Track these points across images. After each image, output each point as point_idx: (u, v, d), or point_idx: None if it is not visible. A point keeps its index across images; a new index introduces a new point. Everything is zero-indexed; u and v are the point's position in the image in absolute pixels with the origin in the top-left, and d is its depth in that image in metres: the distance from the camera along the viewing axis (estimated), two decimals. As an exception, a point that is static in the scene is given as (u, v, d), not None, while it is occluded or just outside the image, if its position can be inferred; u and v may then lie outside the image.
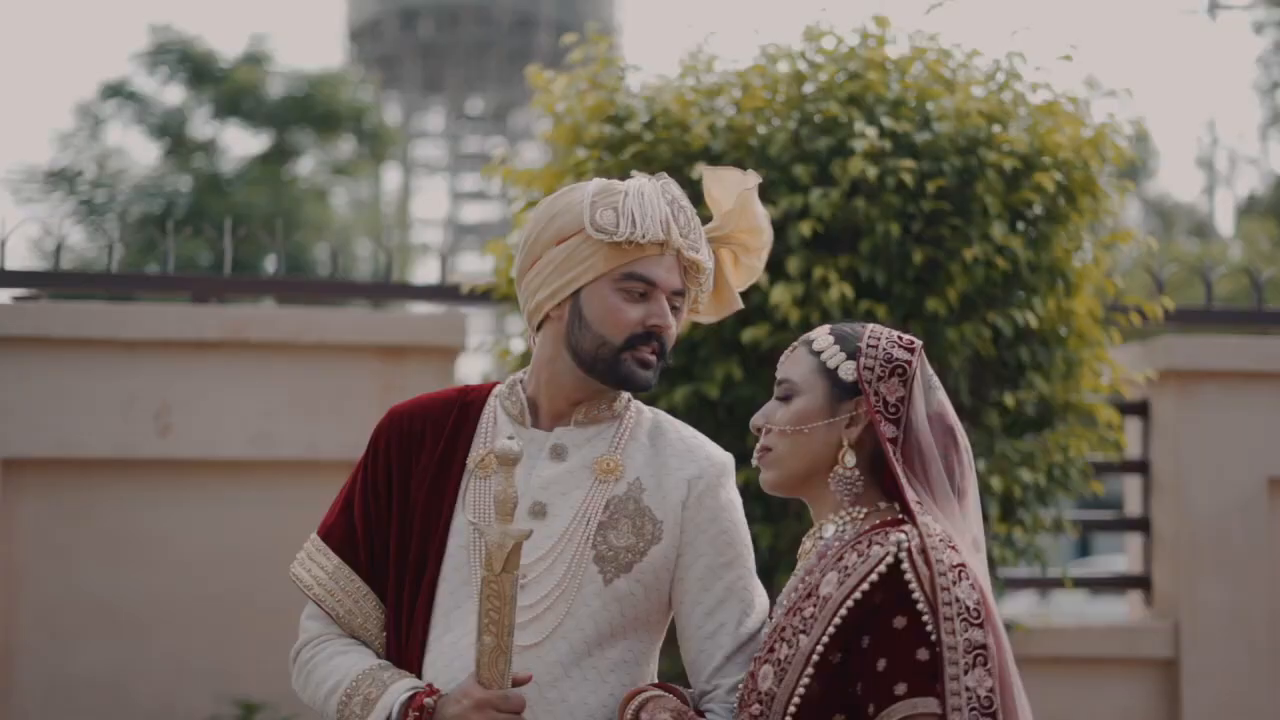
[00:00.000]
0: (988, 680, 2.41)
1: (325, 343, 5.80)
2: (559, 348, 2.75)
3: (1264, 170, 37.12)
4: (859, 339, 2.65)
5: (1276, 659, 6.35)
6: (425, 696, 2.59)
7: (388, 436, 2.86)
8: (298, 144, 24.76)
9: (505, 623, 2.50)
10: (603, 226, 2.67)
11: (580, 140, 5.32)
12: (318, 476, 5.77)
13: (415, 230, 43.14)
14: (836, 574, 2.50)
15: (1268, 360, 6.40)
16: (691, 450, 2.81)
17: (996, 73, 5.29)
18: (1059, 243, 5.19)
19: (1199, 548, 6.31)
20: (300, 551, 2.88)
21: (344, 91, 24.69)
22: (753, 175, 2.87)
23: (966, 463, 2.66)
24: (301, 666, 2.82)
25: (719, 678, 2.71)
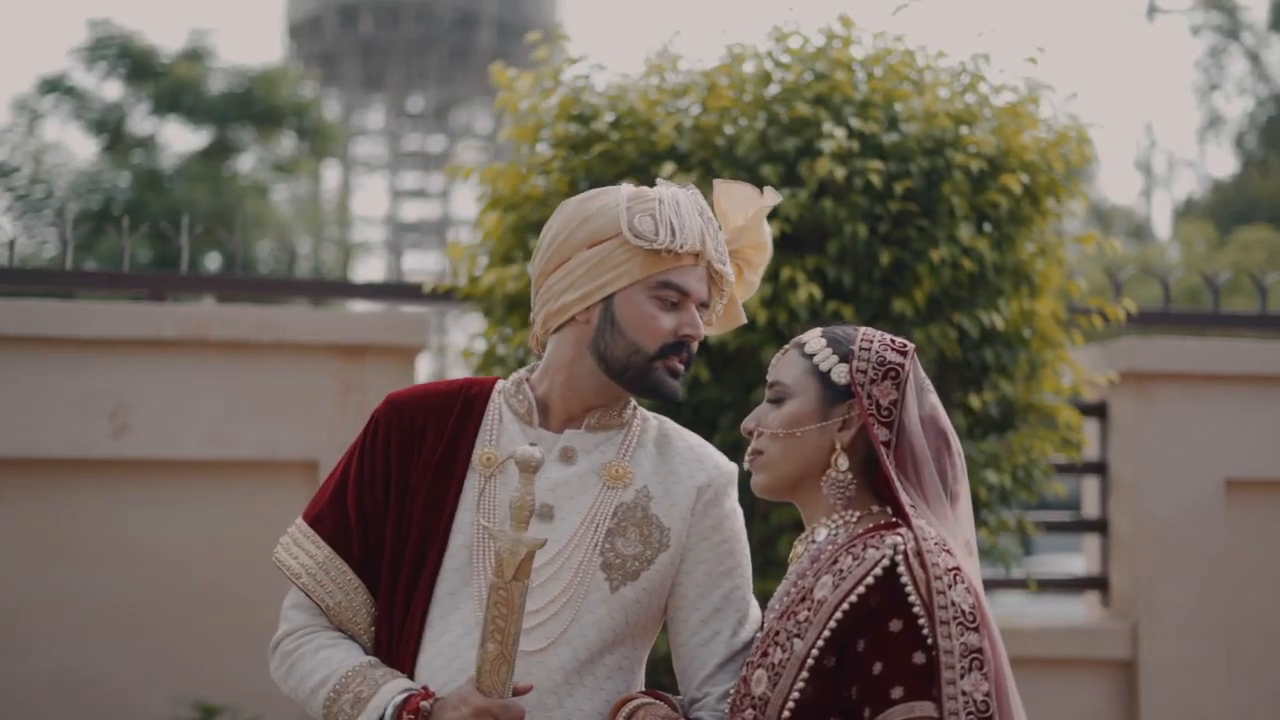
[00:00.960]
0: (984, 684, 2.40)
1: (284, 342, 5.74)
2: (581, 351, 2.71)
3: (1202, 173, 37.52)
4: (851, 342, 2.64)
5: (1234, 659, 6.39)
6: (421, 699, 2.54)
7: (388, 425, 2.79)
8: (238, 141, 24.59)
9: (511, 631, 2.45)
10: (641, 233, 2.65)
11: (541, 138, 5.29)
12: (276, 477, 5.73)
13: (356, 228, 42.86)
14: (831, 577, 2.48)
15: (1225, 362, 6.44)
16: (700, 459, 2.78)
17: (961, 74, 5.30)
18: (1023, 245, 5.20)
19: (1157, 549, 6.35)
20: (285, 536, 2.81)
21: (284, 88, 24.53)
22: (770, 194, 2.86)
23: (959, 466, 2.65)
24: (285, 657, 2.75)
25: (710, 685, 2.68)
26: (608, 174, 5.07)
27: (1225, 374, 6.43)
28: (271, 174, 25.58)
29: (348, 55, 55.54)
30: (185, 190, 22.62)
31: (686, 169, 4.98)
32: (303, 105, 25.10)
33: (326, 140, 26.43)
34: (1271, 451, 6.48)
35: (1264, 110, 35.26)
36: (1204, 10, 35.52)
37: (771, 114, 5.06)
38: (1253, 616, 6.45)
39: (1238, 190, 34.09)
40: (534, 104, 5.37)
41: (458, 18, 55.19)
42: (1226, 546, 6.40)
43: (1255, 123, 35.33)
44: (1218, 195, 34.73)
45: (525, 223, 5.27)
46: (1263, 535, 6.49)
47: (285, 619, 2.78)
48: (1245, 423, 6.45)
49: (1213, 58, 36.29)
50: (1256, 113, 35.45)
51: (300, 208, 28.26)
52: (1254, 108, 35.54)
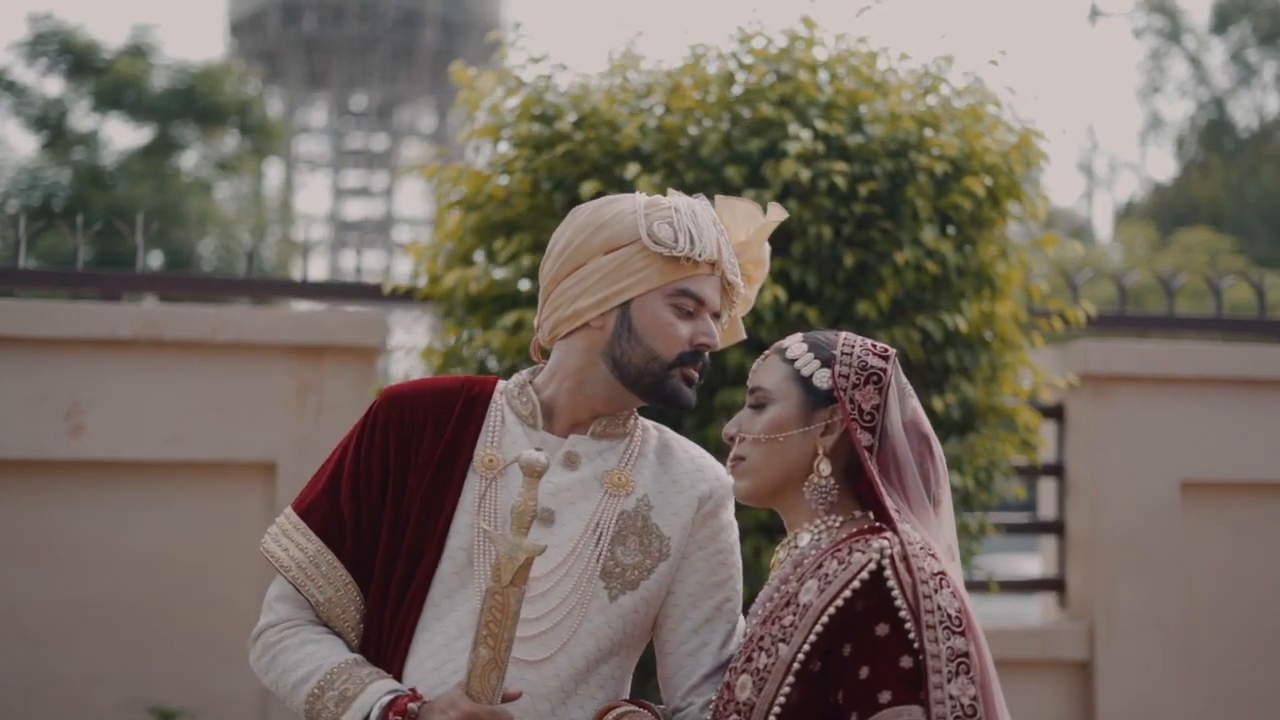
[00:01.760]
0: (970, 688, 2.40)
1: (241, 342, 5.69)
2: (594, 357, 2.69)
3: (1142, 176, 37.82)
4: (833, 346, 2.64)
5: (1189, 660, 6.43)
6: (409, 701, 2.51)
7: (386, 420, 2.75)
8: (180, 138, 24.44)
9: (505, 637, 2.42)
10: (661, 239, 2.63)
11: (502, 138, 5.27)
12: (233, 479, 5.68)
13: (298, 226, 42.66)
14: (816, 582, 2.47)
15: (1182, 364, 6.48)
16: (701, 470, 2.77)
17: (924, 76, 5.30)
18: (984, 247, 5.21)
19: (1113, 550, 6.38)
20: (273, 526, 2.76)
21: (228, 85, 24.39)
22: (776, 210, 2.85)
23: (941, 470, 2.65)
24: (267, 648, 2.71)
25: (695, 695, 2.67)
26: (570, 174, 5.05)
27: (1181, 376, 6.47)
28: (214, 171, 25.43)
29: (290, 52, 55.25)
30: (128, 188, 22.45)
31: (650, 169, 4.96)
32: (246, 102, 24.98)
33: (269, 138, 26.32)
34: (1227, 453, 6.52)
35: (1204, 113, 35.59)
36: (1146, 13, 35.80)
37: (736, 115, 5.05)
38: (1208, 617, 6.49)
39: (1178, 193, 34.40)
40: (496, 103, 5.34)
41: (401, 16, 55.00)
42: (1183, 548, 6.44)
43: (1195, 126, 35.65)
44: (1158, 198, 35.02)
45: (487, 223, 5.24)
46: (1218, 537, 6.53)
47: (269, 609, 2.73)
48: (1201, 425, 6.49)
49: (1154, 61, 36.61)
50: (1197, 116, 35.77)
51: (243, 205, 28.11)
52: (1194, 111, 35.85)
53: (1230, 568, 6.54)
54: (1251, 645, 6.54)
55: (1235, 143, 35.00)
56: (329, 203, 57.30)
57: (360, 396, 5.74)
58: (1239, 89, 35.54)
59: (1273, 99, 35.37)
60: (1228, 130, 35.31)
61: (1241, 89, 35.51)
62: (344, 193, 57.98)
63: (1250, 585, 6.56)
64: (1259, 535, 6.58)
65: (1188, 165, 35.14)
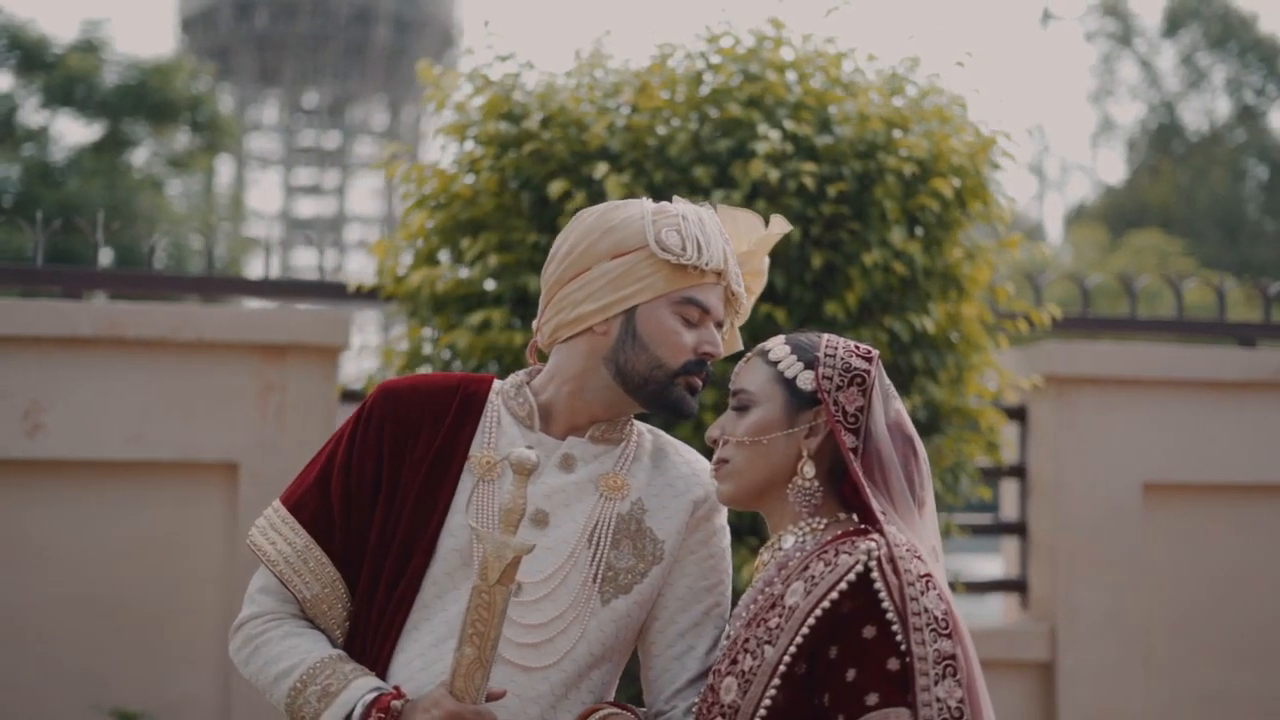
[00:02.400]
0: (957, 691, 2.40)
1: (203, 340, 5.62)
2: (596, 362, 2.67)
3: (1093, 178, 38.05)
4: (816, 349, 2.63)
5: (1151, 661, 6.46)
6: (392, 699, 2.49)
7: (381, 416, 2.72)
8: (132, 134, 24.24)
9: (490, 636, 2.40)
10: (669, 246, 2.62)
11: (468, 136, 5.24)
12: (196, 478, 5.63)
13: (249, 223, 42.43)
14: (803, 584, 2.46)
15: (1144, 367, 6.50)
16: (697, 474, 2.76)
17: (892, 77, 5.30)
18: (951, 249, 5.22)
19: (1075, 552, 6.40)
20: (261, 519, 2.74)
21: (179, 82, 24.21)
22: (780, 222, 2.86)
23: (925, 472, 2.66)
24: (249, 640, 2.69)
25: (679, 699, 2.66)
26: (538, 173, 5.03)
27: (1143, 378, 6.49)
28: (165, 168, 25.25)
29: (242, 49, 54.99)
30: (78, 184, 22.26)
31: (619, 169, 4.94)
32: (197, 99, 24.80)
33: (221, 135, 26.13)
34: (1189, 455, 6.55)
35: (1155, 116, 35.85)
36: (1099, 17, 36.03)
37: (704, 115, 5.04)
38: (1170, 619, 6.52)
39: (1129, 195, 34.64)
40: (462, 101, 5.31)
41: (354, 13, 54.79)
42: (1144, 549, 6.47)
43: (1146, 129, 35.90)
44: (1109, 200, 35.26)
45: (453, 222, 5.21)
46: (1180, 538, 6.56)
47: (252, 601, 2.71)
48: (1163, 426, 6.52)
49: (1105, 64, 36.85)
50: (1147, 119, 36.02)
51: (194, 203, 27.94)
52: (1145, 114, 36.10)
53: (1191, 569, 6.56)
54: (1212, 646, 6.57)
55: (1185, 146, 35.28)
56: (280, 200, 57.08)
57: (323, 396, 5.70)
58: (1189, 92, 35.83)
59: (1222, 103, 35.67)
60: (1178, 133, 35.58)
61: (1192, 92, 35.80)
62: (295, 190, 57.74)
63: (1211, 586, 6.59)
64: (1220, 537, 6.61)
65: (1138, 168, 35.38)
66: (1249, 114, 35.02)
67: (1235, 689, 6.57)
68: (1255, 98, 35.17)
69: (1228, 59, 35.31)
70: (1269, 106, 35.27)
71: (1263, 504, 6.68)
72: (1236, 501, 6.64)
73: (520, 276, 5.02)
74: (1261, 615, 6.64)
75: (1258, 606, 6.64)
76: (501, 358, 5.00)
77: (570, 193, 4.96)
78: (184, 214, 26.08)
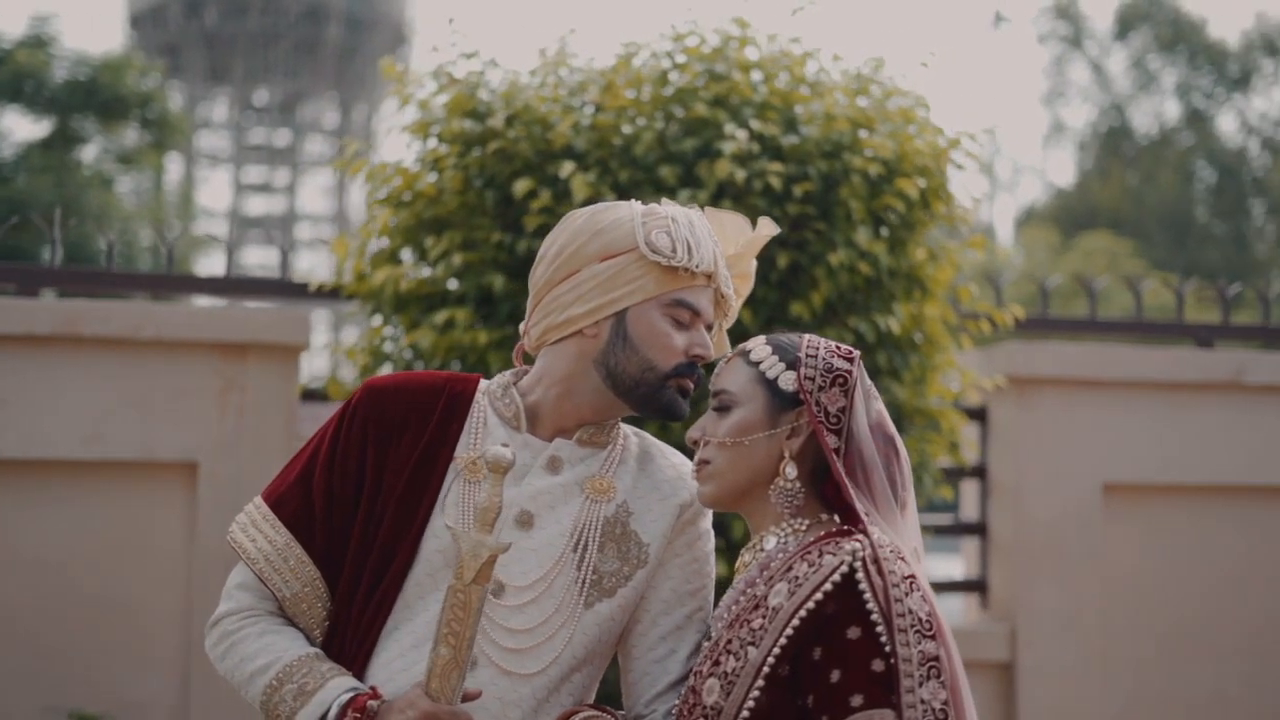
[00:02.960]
0: (941, 693, 2.39)
1: (162, 339, 5.57)
2: (585, 365, 2.65)
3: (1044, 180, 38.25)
4: (797, 349, 2.62)
5: (1110, 661, 6.48)
6: (369, 699, 2.46)
7: (365, 414, 2.69)
8: (81, 130, 24.06)
9: (466, 635, 2.38)
10: (659, 249, 2.61)
11: (431, 134, 5.21)
12: (154, 478, 5.58)
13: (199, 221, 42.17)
14: (786, 584, 2.45)
15: (1104, 368, 6.53)
16: (683, 476, 2.74)
17: (856, 78, 5.30)
18: (914, 249, 5.22)
19: (1035, 552, 6.41)
20: (241, 515, 2.71)
21: (129, 78, 24.04)
22: (768, 224, 2.84)
23: (907, 473, 2.65)
24: (225, 636, 2.66)
25: (659, 703, 2.64)
26: (502, 172, 5.01)
27: (1103, 379, 6.52)
28: (115, 165, 25.08)
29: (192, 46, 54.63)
30: (27, 181, 22.08)
31: (584, 168, 4.92)
32: (147, 96, 24.63)
33: (171, 132, 25.97)
34: (1148, 456, 6.58)
35: (1105, 119, 36.07)
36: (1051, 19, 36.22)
37: (669, 114, 5.02)
38: (1129, 619, 6.54)
39: (1079, 197, 34.85)
40: (425, 99, 5.28)
41: (305, 11, 54.51)
42: (1103, 550, 6.49)
43: (1097, 131, 36.12)
44: (1060, 202, 35.46)
45: (417, 220, 5.18)
46: (1139, 539, 6.59)
47: (230, 597, 2.69)
48: (1123, 427, 6.54)
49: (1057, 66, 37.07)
50: (1098, 121, 36.24)
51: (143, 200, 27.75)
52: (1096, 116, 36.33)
53: (1151, 569, 6.59)
54: (1171, 647, 6.60)
55: (1135, 148, 35.52)
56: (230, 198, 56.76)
57: (284, 395, 5.66)
58: (1139, 95, 36.07)
59: (1171, 105, 35.94)
60: (1128, 136, 35.82)
61: (1142, 95, 36.05)
62: (245, 188, 57.43)
63: (1170, 587, 6.62)
64: (1179, 537, 6.64)
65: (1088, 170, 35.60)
66: (1198, 117, 35.30)
67: (1193, 688, 6.61)
68: (1204, 101, 35.45)
69: (1177, 62, 35.57)
70: (1218, 110, 35.56)
71: (1221, 505, 6.71)
72: (1195, 502, 6.68)
73: (484, 276, 5.00)
74: (1220, 615, 6.68)
75: (1216, 606, 6.67)
76: (465, 357, 4.97)
77: (535, 191, 4.93)
78: (133, 211, 25.90)
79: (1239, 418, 6.71)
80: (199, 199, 46.93)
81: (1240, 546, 6.73)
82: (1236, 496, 6.74)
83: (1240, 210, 34.16)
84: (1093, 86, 36.56)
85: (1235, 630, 6.69)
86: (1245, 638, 6.70)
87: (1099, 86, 36.41)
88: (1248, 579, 6.73)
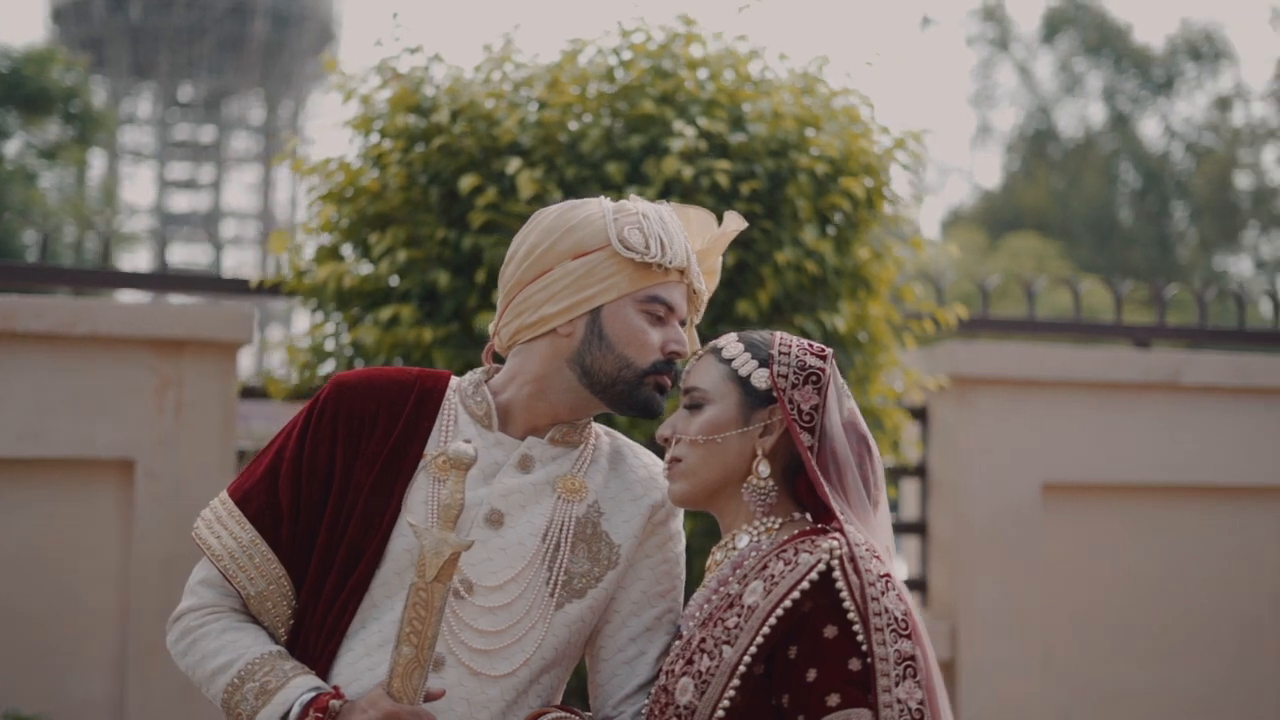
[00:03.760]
0: (918, 692, 2.39)
1: (98, 335, 5.47)
2: (559, 364, 2.62)
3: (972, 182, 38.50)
4: (769, 346, 2.61)
5: (1050, 660, 6.51)
6: (331, 699, 2.43)
7: (335, 409, 2.65)
8: (3, 124, 23.79)
9: (428, 634, 2.35)
10: (632, 245, 2.58)
11: (374, 129, 5.16)
12: (91, 476, 5.48)
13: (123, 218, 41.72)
14: (762, 583, 2.43)
15: (1044, 368, 6.55)
16: (655, 477, 2.72)
17: (802, 76, 5.30)
18: (859, 248, 5.22)
19: (975, 551, 6.43)
20: (206, 510, 2.66)
21: (53, 72, 23.78)
22: (735, 218, 2.83)
23: (879, 471, 2.64)
24: (186, 632, 2.61)
25: (627, 705, 2.62)
26: (447, 168, 4.97)
27: (1043, 380, 6.54)
28: (38, 160, 24.82)
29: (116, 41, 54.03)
30: (-52, 175, 21.82)
31: (530, 164, 4.89)
32: (71, 90, 24.38)
33: (95, 127, 25.74)
34: (1087, 455, 6.61)
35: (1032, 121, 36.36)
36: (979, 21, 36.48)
37: (616, 111, 5.00)
38: (1068, 617, 6.57)
39: (1005, 199, 35.12)
40: (368, 94, 5.22)
41: (230, 6, 54.04)
42: (1043, 548, 6.51)
43: (1023, 133, 36.41)
44: (986, 204, 35.72)
45: (361, 216, 5.13)
46: (1078, 538, 6.62)
47: (192, 593, 2.64)
48: (1062, 427, 6.57)
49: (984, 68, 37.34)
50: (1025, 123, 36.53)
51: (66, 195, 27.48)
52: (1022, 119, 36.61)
53: (1089, 568, 6.63)
54: (1110, 645, 6.63)
55: (1061, 151, 35.84)
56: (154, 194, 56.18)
57: (222, 392, 5.58)
58: (1065, 98, 36.40)
59: (1097, 109, 36.28)
60: (1054, 138, 36.14)
61: (1068, 98, 36.38)
62: (170, 184, 56.88)
63: (1109, 586, 6.65)
64: (1117, 536, 6.68)
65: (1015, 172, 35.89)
66: (1122, 121, 35.66)
67: (1133, 686, 6.65)
68: (1129, 105, 35.81)
69: (1103, 66, 35.92)
70: (1142, 114, 35.93)
71: (1159, 504, 6.76)
72: (1133, 502, 6.72)
73: (429, 272, 4.95)
74: (1158, 614, 6.72)
75: (1154, 606, 6.72)
76: (409, 355, 4.93)
77: (481, 188, 4.89)
78: (56, 207, 25.63)
79: (1176, 418, 6.76)
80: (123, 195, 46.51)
81: (1178, 545, 6.78)
82: (1174, 496, 6.78)
83: (1163, 213, 34.56)
84: (1019, 89, 36.85)
85: (1174, 627, 6.74)
86: (1184, 634, 6.75)
87: (1026, 89, 36.71)
88: (1185, 577, 6.78)
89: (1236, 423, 6.86)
